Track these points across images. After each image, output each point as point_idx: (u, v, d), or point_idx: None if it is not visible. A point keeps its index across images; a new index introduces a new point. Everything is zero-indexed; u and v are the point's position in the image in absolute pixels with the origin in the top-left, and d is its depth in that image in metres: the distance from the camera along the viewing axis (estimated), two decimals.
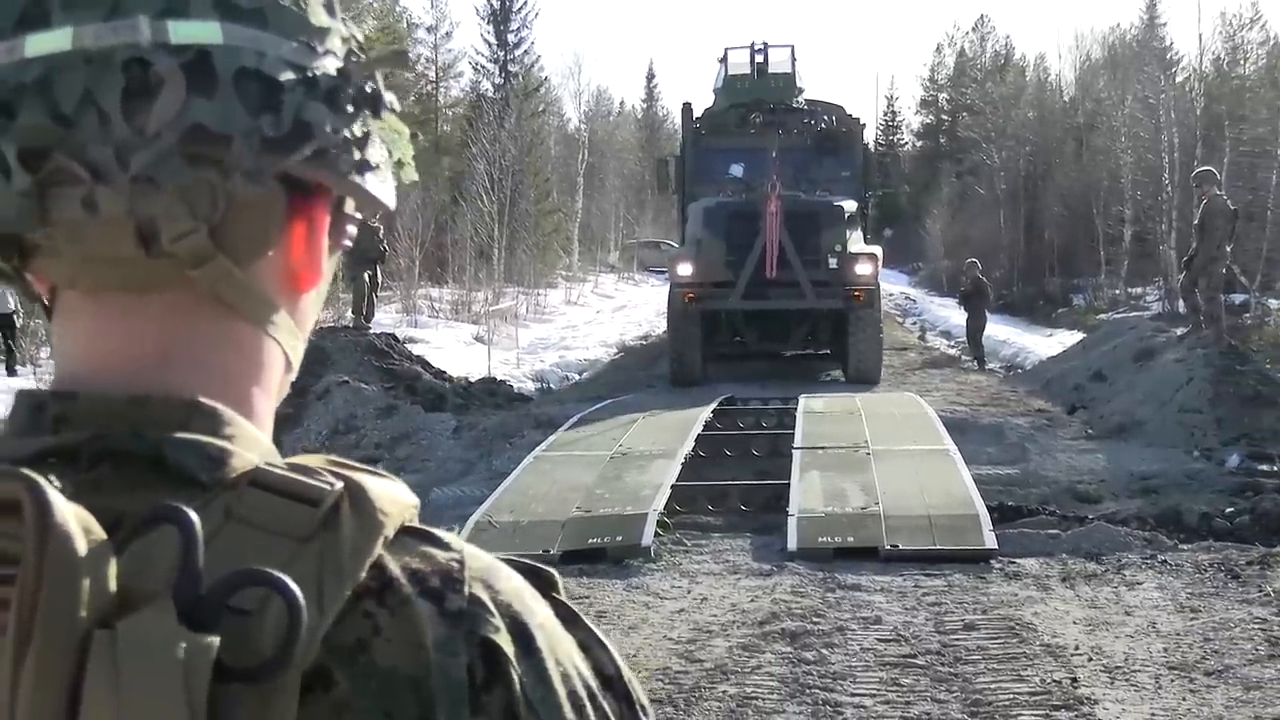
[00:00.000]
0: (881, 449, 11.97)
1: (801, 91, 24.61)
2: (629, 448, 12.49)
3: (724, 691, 6.33)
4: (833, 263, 19.66)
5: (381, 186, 0.95)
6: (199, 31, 0.86)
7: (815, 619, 7.45)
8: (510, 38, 62.28)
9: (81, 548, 0.74)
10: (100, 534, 0.76)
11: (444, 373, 20.58)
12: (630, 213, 78.47)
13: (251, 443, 0.90)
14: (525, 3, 63.49)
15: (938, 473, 10.92)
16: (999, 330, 30.49)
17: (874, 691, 6.35)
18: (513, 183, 47.90)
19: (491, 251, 43.90)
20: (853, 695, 6.30)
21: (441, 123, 59.33)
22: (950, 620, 7.47)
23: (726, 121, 23.55)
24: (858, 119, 24.43)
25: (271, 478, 0.85)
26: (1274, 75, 38.70)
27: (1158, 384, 16.37)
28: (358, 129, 0.92)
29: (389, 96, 0.96)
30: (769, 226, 18.87)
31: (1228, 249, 17.74)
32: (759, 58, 24.29)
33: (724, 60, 25.15)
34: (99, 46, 0.84)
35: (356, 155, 0.91)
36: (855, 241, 20.67)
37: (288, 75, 0.88)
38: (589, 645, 0.93)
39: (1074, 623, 7.38)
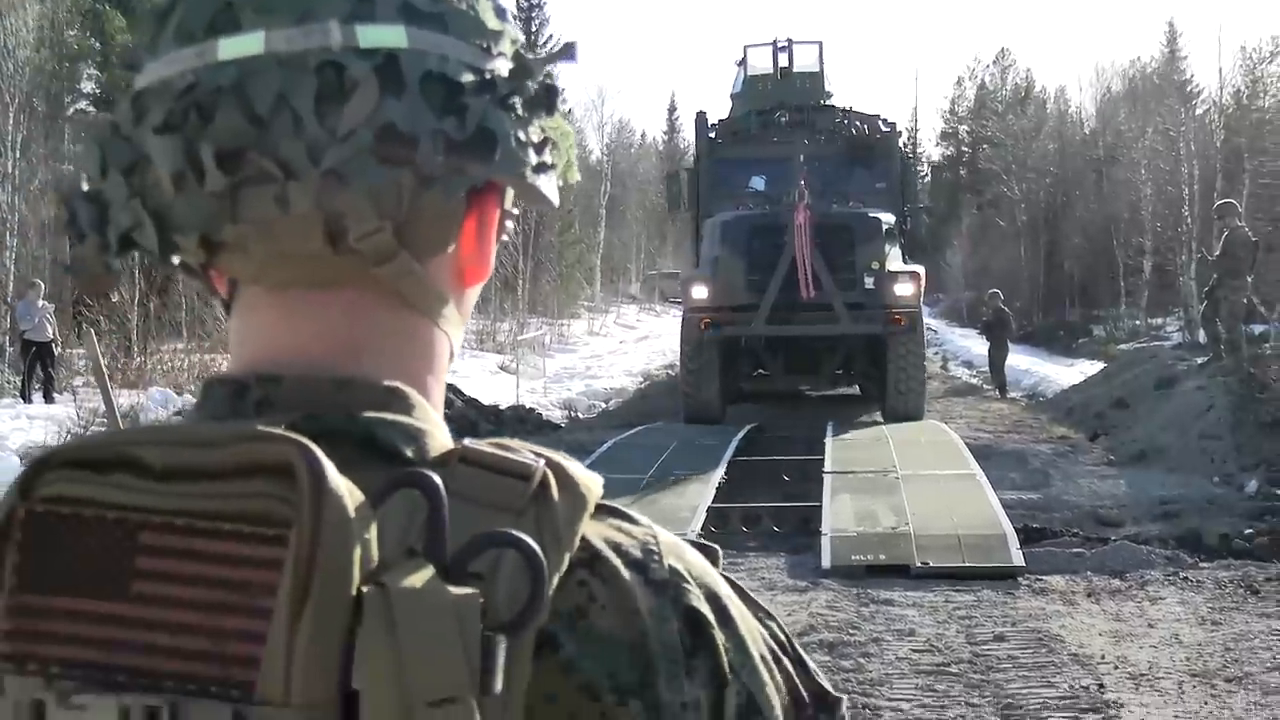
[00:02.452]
0: (910, 473, 12.25)
1: (830, 96, 22.34)
2: (663, 473, 12.81)
3: None
4: (869, 282, 17.41)
5: (549, 185, 0.97)
6: (386, 36, 0.88)
7: (851, 631, 7.77)
8: None
9: (352, 513, 0.77)
10: (361, 497, 0.78)
11: (475, 400, 20.84)
12: (651, 244, 78.92)
13: (437, 424, 0.94)
14: (550, 36, 64.08)
15: (965, 495, 11.21)
16: (1020, 360, 30.69)
17: (910, 697, 6.68)
18: (537, 214, 48.35)
19: (516, 282, 44.32)
20: (890, 700, 6.63)
21: None
22: (980, 632, 7.79)
23: (747, 128, 20.83)
24: (894, 124, 21.55)
25: (481, 455, 0.88)
26: None
27: (1178, 411, 16.66)
28: (534, 132, 0.95)
29: (560, 96, 0.98)
30: (797, 241, 16.70)
31: (1249, 279, 18.07)
32: (782, 57, 22.04)
33: (743, 62, 22.99)
34: (291, 50, 0.86)
35: (533, 158, 0.94)
36: (894, 259, 18.32)
37: (468, 77, 0.90)
38: (762, 616, 0.97)
39: (1100, 634, 7.70)
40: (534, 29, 62.99)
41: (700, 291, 17.91)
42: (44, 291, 23.25)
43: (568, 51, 1.00)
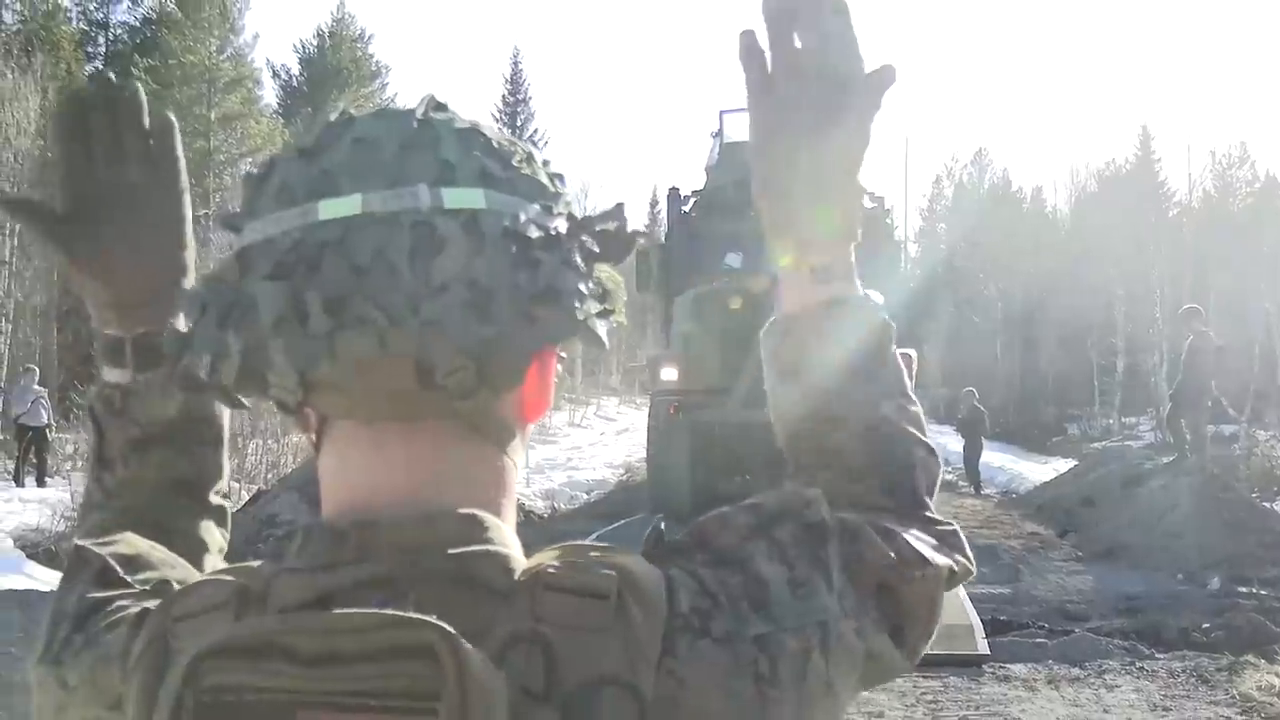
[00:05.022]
0: None
1: None
2: None
3: None
4: None
5: (603, 329, 1.05)
6: (467, 198, 0.97)
7: None
8: None
9: (491, 682, 0.86)
10: (490, 665, 0.88)
11: None
12: (632, 336, 79.30)
13: (511, 540, 1.03)
14: (536, 129, 64.90)
15: None
16: (995, 457, 31.00)
17: None
18: None
19: None
20: None
21: None
22: (946, 715, 8.27)
23: (724, 200, 18.24)
24: (881, 199, 20.53)
25: (560, 580, 0.97)
26: (1259, 215, 39.75)
27: (1144, 510, 16.97)
28: (591, 284, 1.02)
29: (630, 246, 1.08)
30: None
31: (1212, 383, 18.58)
32: None
33: (719, 132, 20.74)
34: (386, 210, 0.95)
35: (593, 307, 1.02)
36: None
37: (536, 234, 0.98)
38: (773, 545, 1.08)
39: (1057, 718, 8.17)
40: (519, 124, 63.84)
41: (669, 373, 16.58)
42: (38, 377, 23.62)
43: (618, 213, 1.09)
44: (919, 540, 1.17)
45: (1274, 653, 9.70)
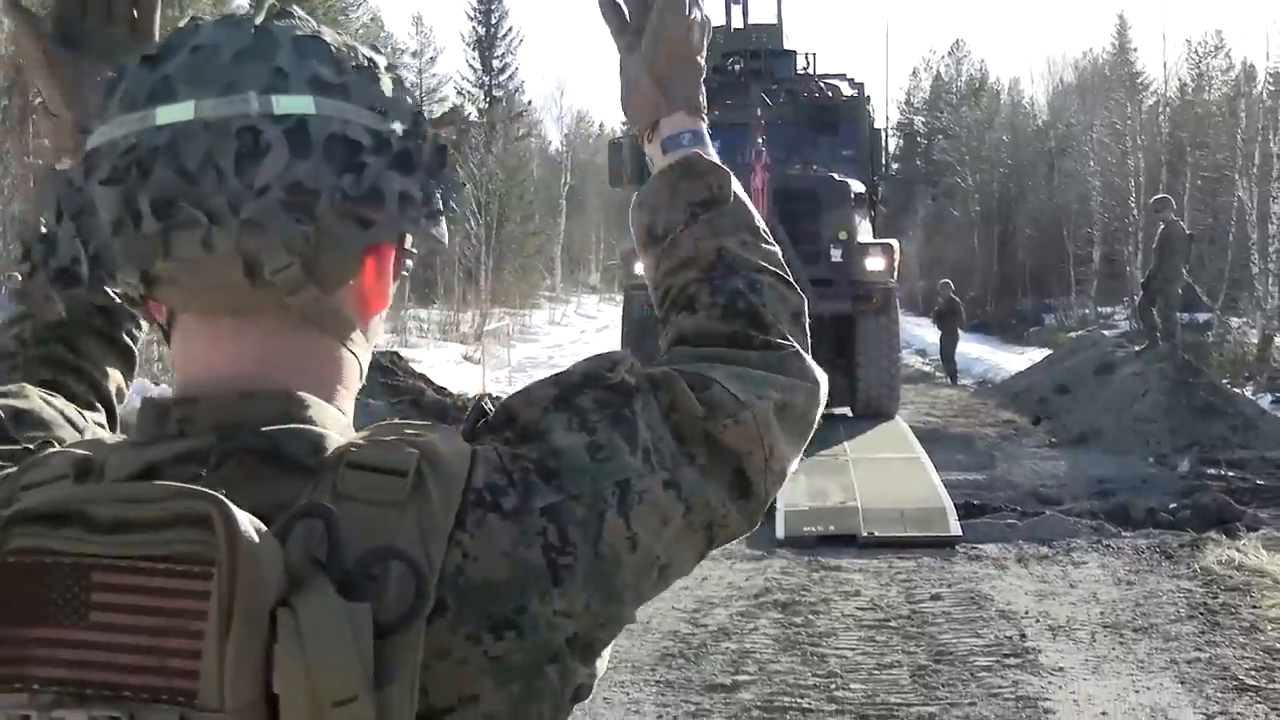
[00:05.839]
0: (859, 456, 12.91)
1: (793, 55, 20.33)
2: None
3: (727, 648, 7.43)
4: (836, 255, 15.59)
5: (439, 229, 1.12)
6: (297, 104, 1.01)
7: (802, 592, 8.54)
8: (495, 63, 63.20)
9: (261, 550, 0.90)
10: (265, 530, 0.91)
11: (445, 389, 21.35)
12: (611, 234, 79.33)
13: (333, 421, 1.08)
14: (510, 29, 64.53)
15: (910, 475, 11.93)
16: (971, 348, 31.39)
17: (854, 646, 7.47)
18: (499, 205, 48.74)
19: (478, 273, 44.68)
20: (836, 649, 7.41)
21: None
22: (919, 593, 8.60)
23: None
24: (861, 85, 19.52)
25: (363, 457, 1.00)
26: (1233, 105, 39.86)
27: (1116, 396, 17.39)
28: (427, 185, 1.08)
29: (451, 153, 1.13)
30: (755, 205, 13.43)
31: (1183, 270, 18.91)
32: (736, 8, 19.77)
33: None
34: (217, 116, 1.00)
35: (423, 209, 1.08)
36: (864, 231, 16.46)
37: (366, 139, 1.04)
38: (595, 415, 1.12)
39: (1025, 593, 8.52)
40: (493, 22, 63.41)
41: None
42: (19, 285, 23.70)
43: (455, 115, 1.34)
44: (736, 381, 1.20)
45: (1237, 530, 10.05)
